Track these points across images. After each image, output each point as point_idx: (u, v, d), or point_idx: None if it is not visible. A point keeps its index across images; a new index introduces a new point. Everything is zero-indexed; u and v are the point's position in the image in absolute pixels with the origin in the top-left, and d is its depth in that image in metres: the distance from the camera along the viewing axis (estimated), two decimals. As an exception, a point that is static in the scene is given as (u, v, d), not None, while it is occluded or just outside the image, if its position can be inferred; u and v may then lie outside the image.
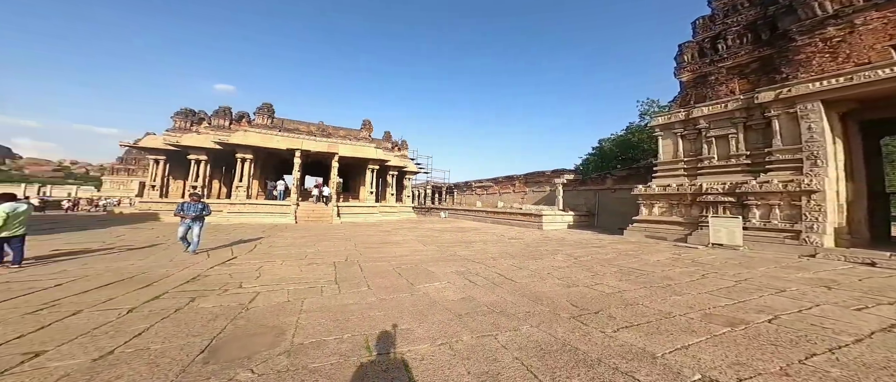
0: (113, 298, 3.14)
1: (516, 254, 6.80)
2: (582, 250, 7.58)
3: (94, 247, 6.27)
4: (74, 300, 3.06)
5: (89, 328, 2.39)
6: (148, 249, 6.20)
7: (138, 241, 7.28)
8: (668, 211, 10.27)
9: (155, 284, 3.69)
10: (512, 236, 10.49)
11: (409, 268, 5.10)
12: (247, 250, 6.29)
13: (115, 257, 5.34)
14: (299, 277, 4.31)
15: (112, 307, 2.89)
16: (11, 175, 45.92)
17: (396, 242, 8.40)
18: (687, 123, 10.31)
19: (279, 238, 8.28)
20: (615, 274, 4.82)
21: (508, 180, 22.71)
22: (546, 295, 3.67)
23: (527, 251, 7.20)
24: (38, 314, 2.63)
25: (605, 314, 2.98)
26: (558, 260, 6.10)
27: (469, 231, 12.15)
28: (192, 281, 3.87)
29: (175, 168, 15.21)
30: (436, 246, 7.77)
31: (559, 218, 14.94)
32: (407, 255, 6.40)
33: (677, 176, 10.42)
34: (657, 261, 6.01)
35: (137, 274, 4.13)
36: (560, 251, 7.24)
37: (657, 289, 3.95)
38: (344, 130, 18.15)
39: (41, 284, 3.55)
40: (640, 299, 3.51)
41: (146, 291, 3.42)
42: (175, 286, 3.66)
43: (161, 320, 2.60)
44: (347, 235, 9.62)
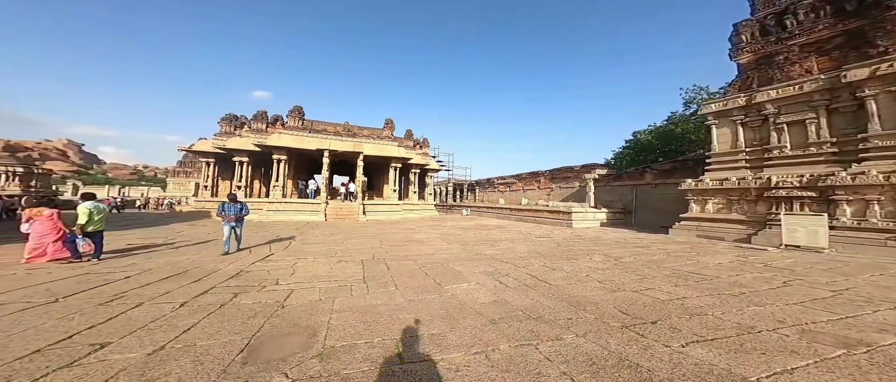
0: (169, 291, 3.41)
1: (547, 254, 6.41)
2: (622, 250, 6.94)
3: (158, 242, 7.03)
4: (138, 292, 3.36)
5: (147, 321, 2.57)
6: (201, 245, 6.80)
7: (194, 237, 8.05)
8: (726, 208, 9.05)
9: (204, 279, 3.97)
10: (540, 235, 9.99)
11: (436, 267, 5.00)
12: (282, 247, 6.63)
13: (173, 252, 5.91)
14: (330, 275, 4.40)
15: (168, 300, 3.12)
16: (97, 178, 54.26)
17: (420, 240, 8.38)
18: (749, 109, 8.96)
19: (311, 236, 8.67)
20: (668, 278, 4.29)
21: (533, 177, 21.78)
22: (588, 300, 3.34)
23: (558, 251, 6.76)
24: (108, 305, 2.91)
25: (666, 325, 2.59)
26: (596, 261, 5.62)
27: (493, 229, 11.82)
28: (235, 277, 4.11)
29: (223, 169, 16.77)
30: (460, 245, 7.61)
31: (591, 215, 13.98)
32: (432, 254, 6.32)
33: (737, 168, 9.14)
34: (719, 264, 5.28)
35: (191, 268, 4.49)
36: (596, 251, 6.69)
37: (727, 297, 3.41)
38: (368, 130, 18.63)
39: (114, 276, 3.99)
40: (708, 308, 3.04)
41: (197, 285, 3.68)
42: (221, 281, 3.90)
43: (207, 315, 2.74)
44: (373, 233, 9.83)
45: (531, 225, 13.91)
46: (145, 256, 5.41)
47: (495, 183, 27.24)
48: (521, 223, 14.91)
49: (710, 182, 9.35)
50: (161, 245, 6.57)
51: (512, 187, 25.23)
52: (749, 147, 9.04)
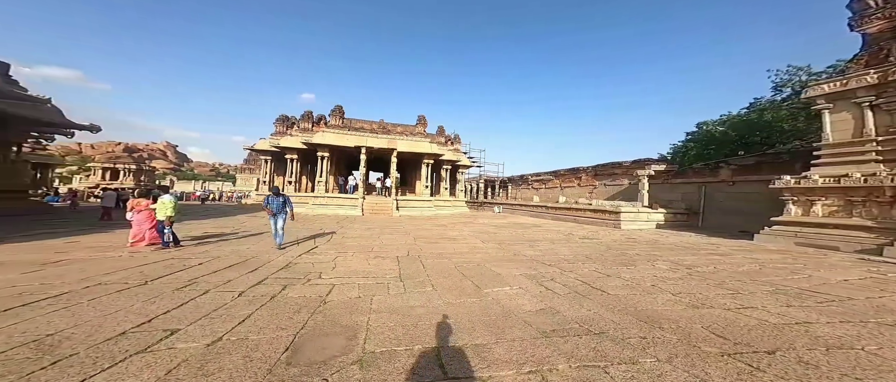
0: (230, 280, 3.71)
1: (596, 257, 5.73)
2: (693, 256, 5.91)
3: (226, 231, 7.98)
4: (207, 279, 3.72)
5: (210, 309, 2.77)
6: (258, 235, 7.52)
7: (253, 228, 8.99)
8: (843, 211, 7.17)
9: (259, 269, 4.27)
10: (583, 236, 9.08)
11: (473, 268, 4.75)
12: (325, 241, 6.99)
13: (237, 241, 6.60)
14: (367, 270, 4.44)
15: (229, 289, 3.38)
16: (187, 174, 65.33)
17: (453, 237, 8.19)
18: (884, 88, 6.84)
19: (349, 230, 9.06)
20: (772, 295, 3.46)
21: (572, 173, 20.09)
22: (663, 316, 2.79)
23: (610, 255, 6.01)
24: (182, 291, 3.24)
25: (793, 358, 2.00)
26: (661, 269, 4.82)
27: (529, 228, 11.13)
28: (285, 268, 4.35)
29: (278, 166, 18.72)
30: (496, 244, 7.23)
31: (644, 216, 12.36)
32: (466, 253, 6.08)
33: (863, 162, 7.16)
34: (846, 282, 4.18)
35: (249, 258, 4.91)
36: (658, 257, 5.79)
37: (876, 326, 2.59)
38: (401, 127, 18.99)
39: (190, 262, 4.52)
40: (851, 340, 2.32)
41: (253, 275, 3.97)
42: (273, 272, 4.16)
43: (259, 308, 2.87)
44: (406, 228, 9.93)
45: (571, 225, 12.82)
46: (216, 244, 6.12)
47: (529, 180, 25.85)
48: (559, 223, 13.85)
49: (820, 179, 7.44)
50: (228, 235, 7.42)
51: (547, 184, 23.68)
52: (883, 136, 6.92)
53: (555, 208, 16.78)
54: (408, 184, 21.05)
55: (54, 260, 4.33)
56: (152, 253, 5.03)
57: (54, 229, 7.24)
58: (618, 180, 16.70)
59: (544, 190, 23.98)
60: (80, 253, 4.84)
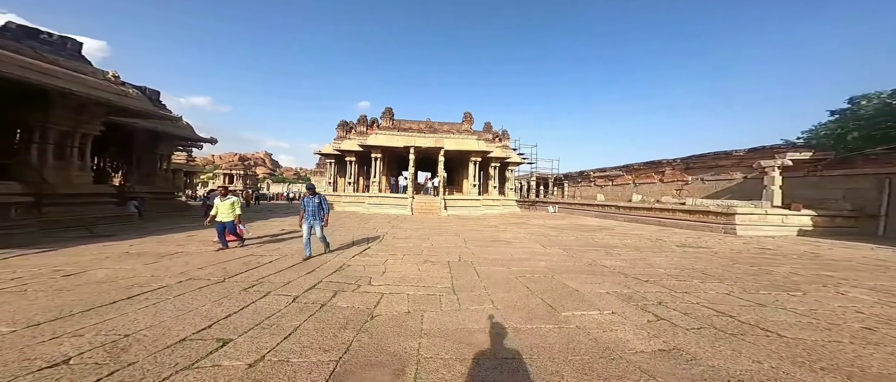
0: (290, 282, 3.74)
1: (718, 274, 4.21)
2: None
3: (297, 229, 8.87)
4: (271, 279, 3.84)
5: (264, 316, 2.69)
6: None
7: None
8: None
9: (316, 271, 4.29)
10: (680, 243, 7.06)
11: (539, 280, 3.90)
12: (377, 241, 7.00)
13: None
14: (418, 277, 4.04)
15: (286, 292, 3.36)
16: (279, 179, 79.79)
17: (508, 240, 7.31)
18: None
19: (400, 230, 9.05)
20: None
21: (651, 167, 16.57)
22: None
23: (741, 271, 4.41)
24: (247, 292, 3.33)
25: None
26: (861, 299, 3.19)
27: (597, 231, 9.35)
28: (338, 271, 4.28)
29: (340, 169, 20.76)
30: (561, 250, 6.09)
31: (776, 219, 9.22)
32: (526, 259, 5.19)
33: None
34: None
35: (313, 257, 5.09)
36: (839, 280, 3.96)
37: None
38: (447, 125, 18.69)
39: (263, 260, 4.87)
40: None
41: (310, 277, 3.97)
42: (327, 274, 4.11)
43: (308, 318, 2.67)
44: (456, 229, 9.45)
45: (654, 228, 10.37)
46: (287, 242, 6.66)
47: (591, 176, 22.56)
48: (635, 225, 11.41)
49: None
50: (299, 232, 8.18)
51: (615, 180, 20.22)
52: None
53: (628, 208, 14.04)
54: (455, 183, 20.71)
55: (173, 252, 5.21)
56: (236, 250, 5.68)
57: (184, 225, 9.19)
58: (723, 173, 12.91)
59: (611, 188, 20.57)
60: (192, 247, 5.78)
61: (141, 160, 11.80)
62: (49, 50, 7.22)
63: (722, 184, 12.97)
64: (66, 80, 6.79)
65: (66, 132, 7.61)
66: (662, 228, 10.71)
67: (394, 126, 17.87)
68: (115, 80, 8.22)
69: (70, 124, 7.58)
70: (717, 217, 9.76)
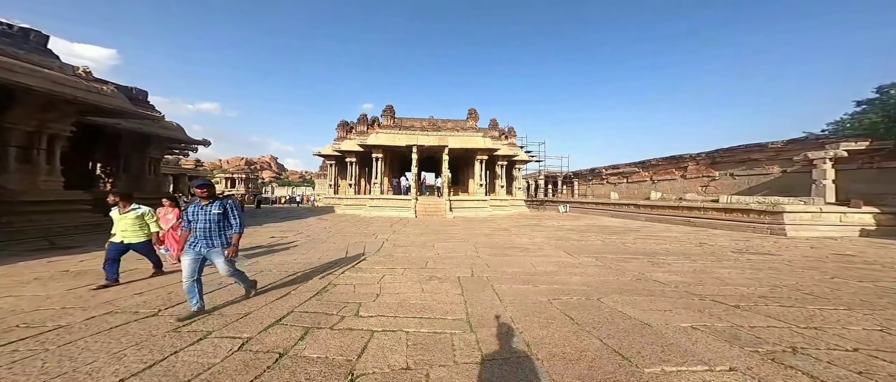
0: (250, 314, 2.78)
1: (831, 295, 3.27)
2: None
3: (288, 237, 7.96)
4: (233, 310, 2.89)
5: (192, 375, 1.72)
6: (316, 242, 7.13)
7: (314, 232, 8.91)
8: None
9: (290, 295, 3.34)
10: (735, 248, 5.92)
11: (583, 306, 2.92)
12: (375, 249, 6.03)
13: (296, 249, 6.21)
14: (421, 303, 3.05)
15: (238, 331, 2.40)
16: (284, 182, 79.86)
17: (524, 247, 6.26)
18: None
19: (401, 235, 8.07)
20: None
21: (672, 163, 15.32)
22: None
23: (855, 290, 3.37)
24: (179, 335, 2.38)
25: None
26: None
27: (624, 233, 8.24)
28: (319, 295, 3.31)
29: (341, 170, 19.95)
30: (592, 258, 5.04)
31: (832, 217, 8.00)
32: (555, 272, 4.17)
33: None
34: None
35: (291, 274, 4.14)
36: None
37: None
38: (451, 122, 17.71)
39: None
40: None
41: (280, 304, 3.01)
42: (304, 300, 3.14)
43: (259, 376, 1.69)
44: (464, 234, 8.43)
45: (685, 229, 9.21)
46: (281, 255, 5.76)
47: (603, 174, 21.32)
48: (662, 226, 10.23)
49: None
50: (291, 242, 7.25)
51: (631, 177, 18.97)
52: None
53: (649, 207, 12.84)
54: (460, 183, 19.70)
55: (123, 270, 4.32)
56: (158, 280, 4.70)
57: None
58: (757, 167, 11.64)
59: (625, 186, 19.31)
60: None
61: (128, 164, 11.08)
62: (8, 43, 6.45)
63: (755, 179, 11.69)
64: (26, 74, 5.99)
65: (30, 133, 6.84)
66: (694, 229, 9.52)
67: (395, 125, 16.97)
68: (87, 75, 7.43)
69: (34, 124, 6.80)
70: (760, 216, 8.55)
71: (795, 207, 8.06)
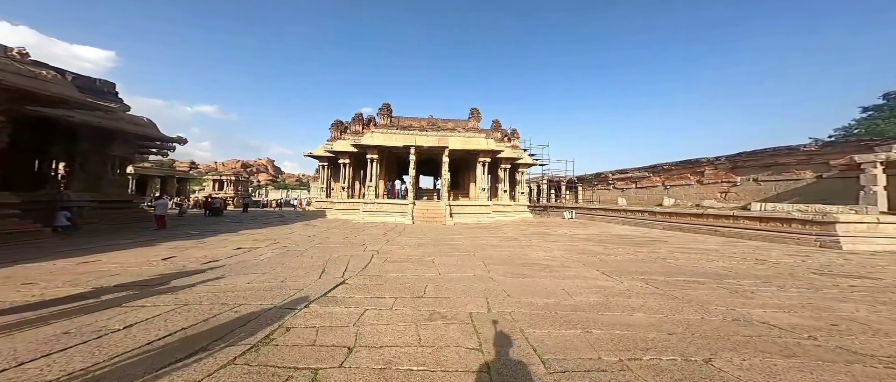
0: None
1: None
2: None
3: (259, 247, 6.69)
4: None
5: None
6: (279, 259, 5.90)
7: (290, 244, 7.64)
8: None
9: (221, 352, 2.10)
10: (814, 267, 4.72)
11: (691, 378, 1.64)
12: (360, 266, 4.79)
13: (253, 269, 4.97)
14: (418, 369, 1.83)
15: None
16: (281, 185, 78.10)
17: (545, 263, 5.07)
18: None
19: (396, 247, 6.83)
20: None
21: (687, 167, 14.34)
22: None
23: None
24: None
25: None
26: None
27: (650, 244, 7.07)
28: (254, 351, 2.09)
29: (334, 172, 18.73)
30: (639, 281, 3.85)
31: (888, 229, 6.88)
32: (603, 305, 3.03)
33: None
34: None
35: (222, 312, 2.90)
36: None
37: None
38: (452, 122, 16.65)
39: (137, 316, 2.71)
40: None
41: (193, 368, 1.78)
42: (224, 361, 1.92)
43: None
44: (468, 244, 7.21)
45: (717, 240, 8.06)
46: (234, 277, 4.51)
47: (609, 179, 20.34)
48: (687, 236, 9.11)
49: None
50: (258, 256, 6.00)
51: (639, 183, 17.98)
52: None
53: (666, 214, 11.74)
54: (460, 187, 18.54)
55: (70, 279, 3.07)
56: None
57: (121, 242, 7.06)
58: (786, 172, 10.65)
59: (633, 191, 18.32)
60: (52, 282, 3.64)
61: (86, 162, 9.76)
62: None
63: (784, 185, 10.68)
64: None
65: (-60, 121, 5.56)
66: (728, 240, 8.41)
67: (392, 124, 15.86)
68: (22, 57, 6.19)
69: (-55, 110, 5.53)
70: (805, 227, 7.47)
71: (849, 216, 6.99)
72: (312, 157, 18.73)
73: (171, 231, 8.51)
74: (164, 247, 5.85)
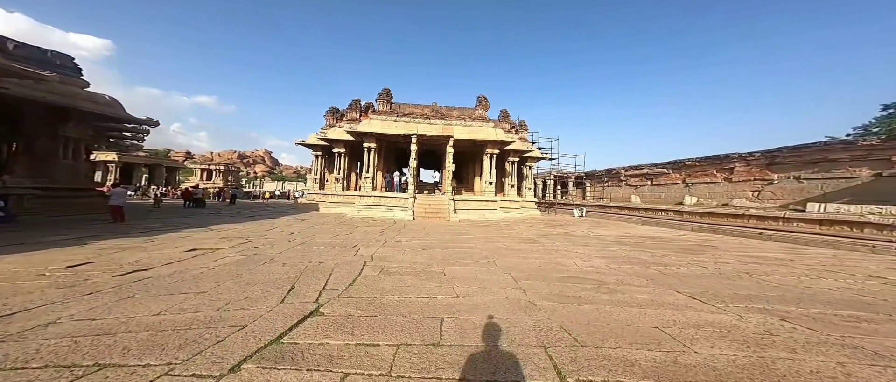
0: None
1: None
2: None
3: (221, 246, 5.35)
4: None
5: None
6: (240, 266, 4.57)
7: (266, 242, 6.31)
8: None
9: None
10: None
11: None
12: (347, 281, 3.47)
13: (190, 284, 3.63)
14: None
15: None
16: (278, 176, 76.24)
17: (591, 277, 3.75)
18: None
19: (395, 251, 5.52)
20: None
21: (712, 164, 13.07)
22: None
23: None
24: None
25: None
26: None
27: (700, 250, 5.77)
28: None
29: (328, 163, 17.32)
30: (769, 316, 2.52)
31: None
32: (762, 369, 1.61)
33: None
34: None
35: (108, 363, 1.58)
36: None
37: None
38: (457, 110, 15.22)
39: None
40: None
41: None
42: None
43: None
44: (482, 248, 5.91)
45: (773, 246, 6.79)
46: (154, 300, 3.17)
47: (621, 175, 19.07)
48: (731, 239, 7.84)
49: None
50: (216, 259, 4.67)
51: (656, 180, 16.74)
52: None
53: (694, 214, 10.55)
54: (463, 181, 17.20)
55: None
56: None
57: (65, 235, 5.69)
58: (837, 169, 9.37)
59: (649, 188, 17.08)
60: None
61: (33, 144, 8.29)
62: None
63: (833, 184, 9.43)
64: None
65: None
66: (782, 246, 7.18)
67: (392, 111, 14.40)
68: None
69: None
70: (882, 231, 6.22)
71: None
72: (305, 145, 17.25)
73: (128, 225, 7.15)
74: (93, 247, 4.50)
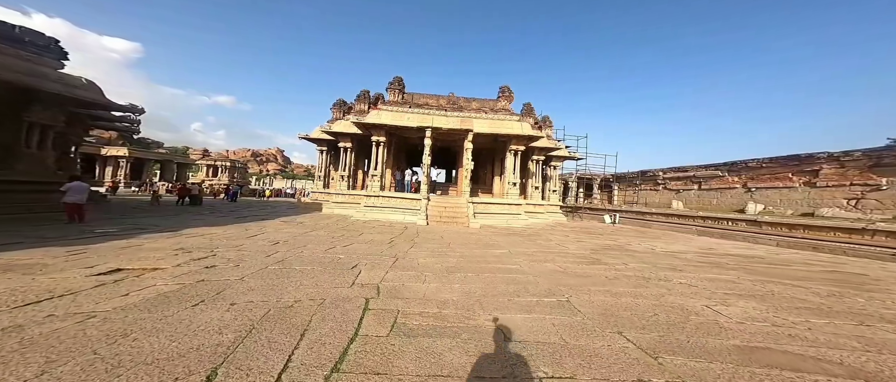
0: None
1: None
2: None
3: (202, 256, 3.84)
4: None
5: None
6: (158, 308, 3.03)
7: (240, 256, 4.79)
8: None
9: None
10: None
11: None
12: (336, 336, 1.84)
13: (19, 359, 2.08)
14: None
15: None
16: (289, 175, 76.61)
17: (780, 342, 1.85)
18: None
19: (411, 277, 3.87)
20: None
21: (786, 165, 10.86)
22: None
23: None
24: None
25: None
26: None
27: (848, 283, 3.71)
28: None
29: (333, 159, 16.04)
30: None
31: None
32: None
33: None
34: None
35: None
36: None
37: None
38: (477, 102, 13.55)
39: None
40: None
41: None
42: None
43: None
44: (535, 274, 4.18)
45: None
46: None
47: (660, 178, 16.86)
48: (844, 259, 5.71)
49: None
50: (145, 279, 3.16)
51: (704, 183, 14.53)
52: None
53: (783, 226, 8.48)
54: (480, 181, 15.47)
55: None
56: None
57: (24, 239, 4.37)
58: None
59: (695, 193, 14.86)
60: None
61: (-8, 127, 7.13)
62: None
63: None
64: None
65: None
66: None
67: (404, 101, 12.89)
68: None
69: None
70: None
71: None
72: (309, 139, 15.96)
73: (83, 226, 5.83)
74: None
